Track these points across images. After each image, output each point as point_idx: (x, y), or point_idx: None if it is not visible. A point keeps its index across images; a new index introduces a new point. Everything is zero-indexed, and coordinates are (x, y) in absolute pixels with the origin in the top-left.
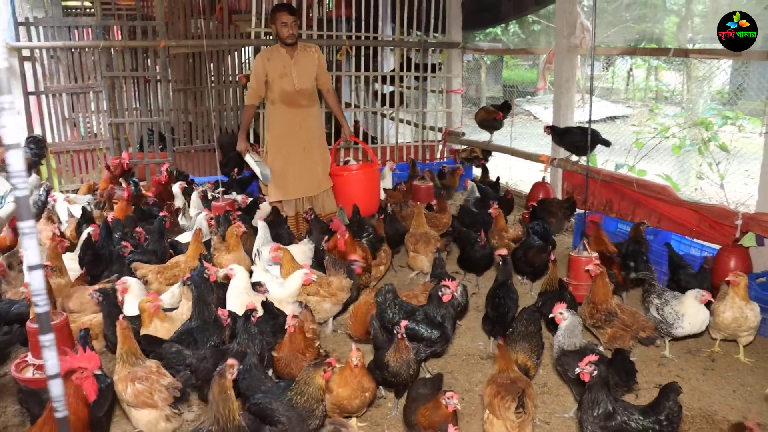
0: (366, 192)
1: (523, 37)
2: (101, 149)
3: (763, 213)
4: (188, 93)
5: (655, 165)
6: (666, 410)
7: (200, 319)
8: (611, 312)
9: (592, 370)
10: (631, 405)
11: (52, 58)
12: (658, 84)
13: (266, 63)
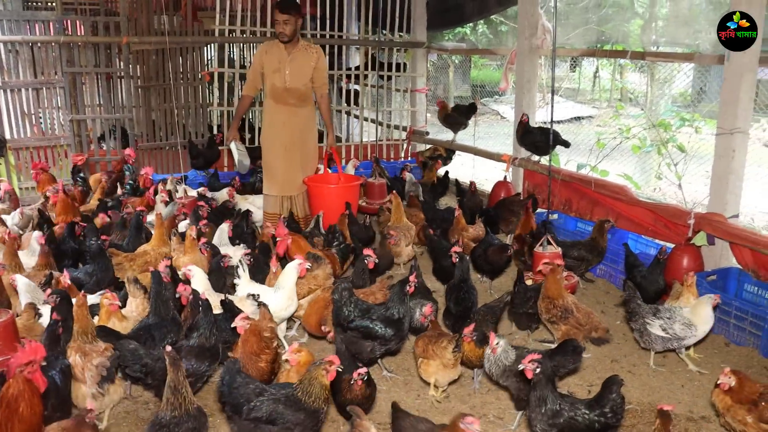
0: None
1: (491, 37)
2: (62, 146)
3: (714, 213)
4: (151, 90)
5: (617, 165)
6: (610, 402)
7: (158, 316)
8: (567, 309)
9: (535, 367)
10: (577, 400)
11: (11, 52)
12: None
13: (263, 56)
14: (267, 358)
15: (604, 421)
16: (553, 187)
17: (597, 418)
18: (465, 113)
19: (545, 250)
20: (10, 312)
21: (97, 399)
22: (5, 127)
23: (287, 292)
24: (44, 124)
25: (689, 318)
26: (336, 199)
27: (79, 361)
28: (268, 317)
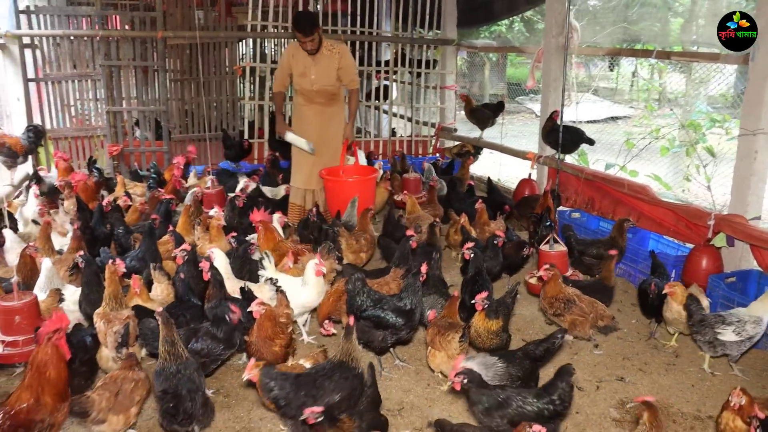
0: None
1: (528, 35)
2: (98, 136)
3: (735, 214)
4: (185, 83)
5: (649, 165)
6: (559, 391)
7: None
8: (569, 300)
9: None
10: (524, 390)
11: (53, 45)
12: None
13: (291, 59)
14: (281, 342)
15: (552, 409)
16: (577, 186)
17: (546, 406)
18: (492, 110)
19: (552, 249)
20: (33, 293)
21: (116, 362)
22: (45, 117)
23: (314, 286)
24: (91, 117)
25: (757, 311)
26: (351, 193)
27: (102, 327)
28: (285, 303)
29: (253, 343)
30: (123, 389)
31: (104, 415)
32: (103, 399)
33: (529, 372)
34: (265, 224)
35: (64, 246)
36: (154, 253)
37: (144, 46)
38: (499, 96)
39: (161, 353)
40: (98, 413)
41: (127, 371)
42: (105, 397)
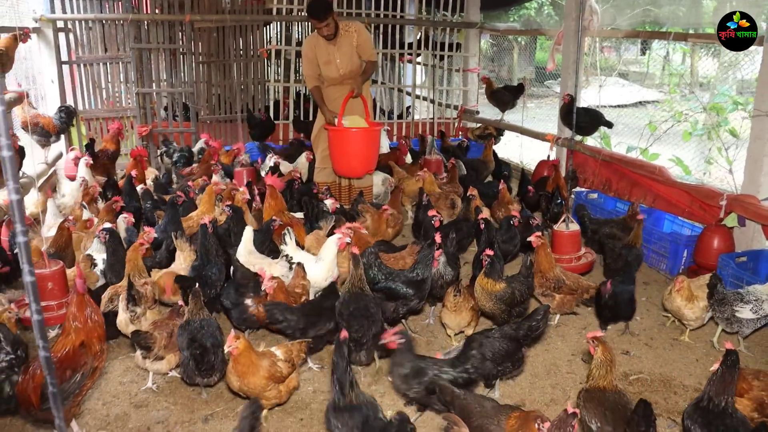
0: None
1: (557, 18)
2: (128, 117)
3: (748, 195)
4: (212, 66)
5: (673, 149)
6: (471, 359)
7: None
8: (558, 280)
9: (398, 338)
10: (440, 360)
11: (85, 29)
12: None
13: (314, 49)
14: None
15: (466, 377)
16: (594, 167)
17: (459, 375)
18: (512, 92)
19: (566, 229)
20: (60, 263)
21: (133, 322)
22: (78, 99)
23: (327, 264)
24: (123, 99)
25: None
26: (355, 143)
27: (106, 294)
28: (301, 275)
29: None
30: (174, 332)
31: (163, 353)
32: (162, 338)
33: (504, 353)
34: (273, 189)
35: None
36: (177, 225)
37: (173, 29)
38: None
39: (188, 311)
40: (159, 349)
41: (174, 318)
42: (164, 336)
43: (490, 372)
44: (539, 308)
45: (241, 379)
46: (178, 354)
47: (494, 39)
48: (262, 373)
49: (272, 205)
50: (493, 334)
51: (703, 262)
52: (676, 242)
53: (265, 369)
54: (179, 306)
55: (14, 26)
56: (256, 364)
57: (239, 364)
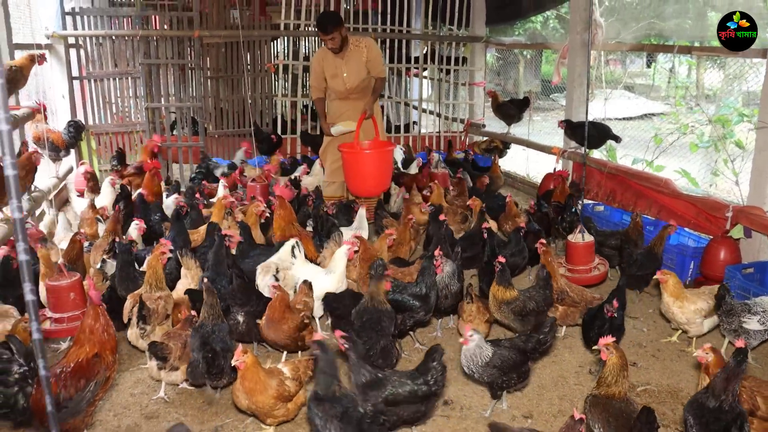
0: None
1: (563, 32)
2: (137, 132)
3: (753, 206)
4: (220, 81)
5: (679, 161)
6: (431, 371)
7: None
8: (562, 291)
9: (344, 342)
10: (399, 372)
11: (96, 45)
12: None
13: (322, 63)
14: (290, 323)
15: (426, 389)
16: (599, 179)
17: (419, 387)
18: (518, 106)
19: (580, 240)
20: (77, 274)
21: (143, 338)
22: (88, 114)
23: (338, 276)
24: (132, 114)
25: None
26: (368, 165)
27: (128, 305)
28: (304, 292)
29: (263, 325)
30: (188, 343)
31: (178, 363)
32: (177, 348)
33: (511, 364)
34: (282, 200)
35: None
36: (184, 238)
37: (181, 45)
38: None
39: (203, 314)
40: (174, 360)
41: (186, 328)
42: (179, 346)
43: (495, 381)
44: (546, 321)
45: (250, 397)
46: None
47: (500, 53)
48: (271, 392)
49: (282, 215)
50: (503, 343)
51: (710, 274)
52: (683, 254)
53: (274, 388)
54: (192, 316)
55: (29, 43)
56: (264, 382)
57: (247, 380)
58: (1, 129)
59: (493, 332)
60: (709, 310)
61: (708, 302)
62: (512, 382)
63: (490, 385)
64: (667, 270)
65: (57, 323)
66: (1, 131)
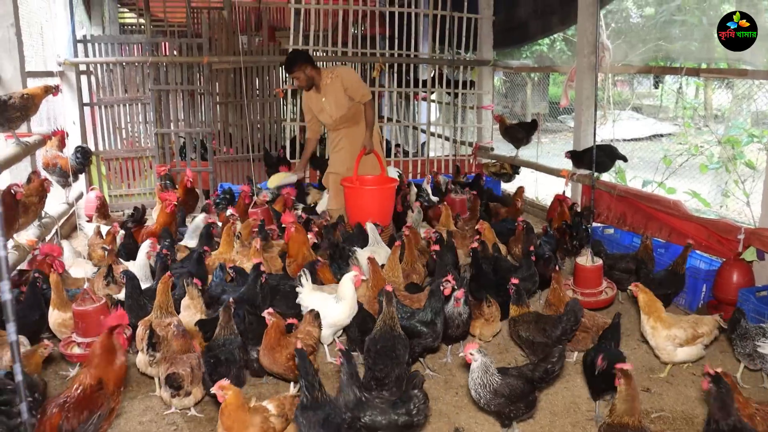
0: (380, 206)
1: (570, 54)
2: (147, 157)
3: (765, 228)
4: (229, 106)
5: (689, 182)
6: (413, 399)
7: None
8: None
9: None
10: (384, 398)
11: (106, 72)
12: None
13: (308, 102)
14: (286, 352)
15: (407, 419)
16: (609, 202)
17: (398, 417)
18: (526, 129)
19: (589, 263)
20: (104, 299)
21: (151, 365)
22: (98, 140)
23: (349, 302)
24: (142, 139)
25: None
26: (370, 201)
27: (140, 333)
28: (308, 321)
29: (260, 353)
30: (192, 365)
31: (191, 388)
32: (187, 374)
33: (519, 393)
34: (298, 226)
35: None
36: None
37: (191, 70)
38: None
39: (218, 331)
40: (188, 386)
41: (187, 351)
42: (188, 372)
43: (502, 410)
44: (554, 350)
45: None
46: (201, 387)
47: (507, 75)
48: (252, 430)
49: (296, 238)
50: (511, 371)
51: (723, 297)
52: (695, 277)
53: (257, 426)
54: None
55: (41, 71)
56: (244, 420)
57: (225, 416)
58: None
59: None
60: (687, 339)
61: (687, 331)
62: (520, 412)
63: (498, 414)
64: (643, 286)
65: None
66: None
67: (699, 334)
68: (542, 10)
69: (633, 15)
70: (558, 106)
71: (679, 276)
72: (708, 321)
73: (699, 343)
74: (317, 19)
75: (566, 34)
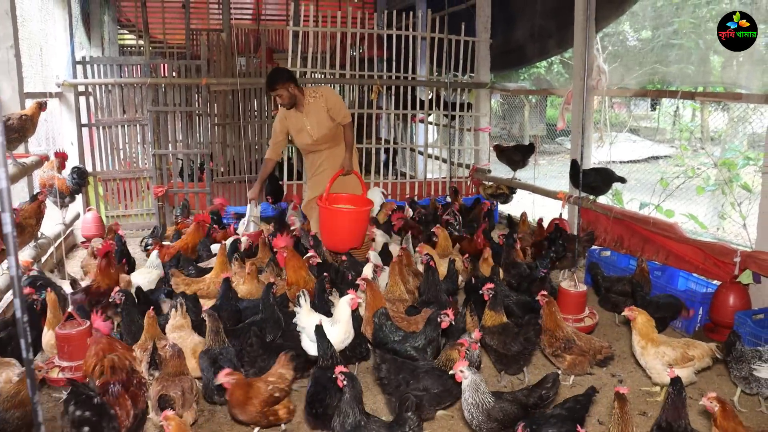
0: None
1: (567, 76)
2: (145, 178)
3: (761, 251)
4: (227, 127)
5: (686, 205)
6: (408, 422)
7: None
8: (569, 339)
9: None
10: (381, 422)
11: (105, 93)
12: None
13: (284, 121)
14: (256, 402)
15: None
16: (606, 224)
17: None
18: (522, 152)
19: (572, 289)
20: (87, 322)
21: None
22: (96, 160)
23: (344, 326)
24: (140, 160)
25: None
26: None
27: (139, 355)
28: (282, 362)
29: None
30: (184, 388)
31: (182, 411)
32: (178, 397)
33: (512, 418)
34: (291, 251)
35: None
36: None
37: (189, 92)
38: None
39: (208, 340)
40: (179, 409)
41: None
42: (179, 395)
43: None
44: (549, 375)
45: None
46: (193, 410)
47: (504, 98)
48: None
49: (291, 263)
50: (506, 396)
51: (719, 320)
52: (691, 300)
53: None
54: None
55: (40, 91)
56: None
57: None
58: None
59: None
60: (676, 358)
61: (676, 351)
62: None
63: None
64: (640, 309)
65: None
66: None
67: (689, 356)
68: (539, 33)
69: (630, 38)
70: (555, 129)
71: (676, 299)
72: (700, 346)
73: (690, 366)
74: (315, 42)
75: (563, 57)
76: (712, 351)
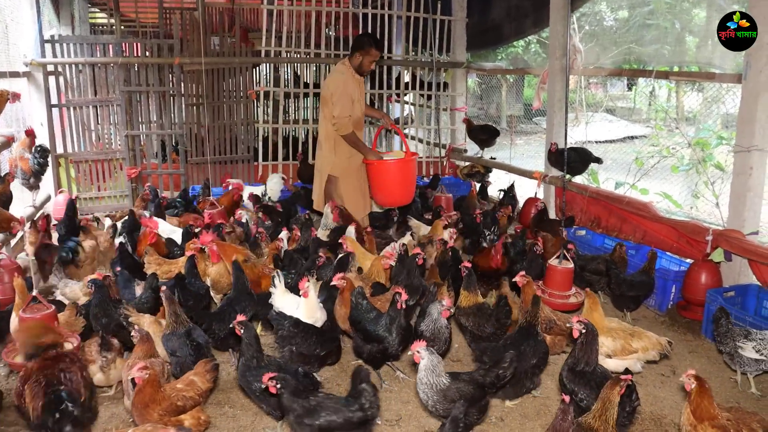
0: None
1: (545, 56)
2: (117, 159)
3: (732, 230)
4: (201, 107)
5: (661, 184)
6: (363, 393)
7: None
8: (550, 320)
9: (275, 384)
10: (334, 397)
11: (75, 72)
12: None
13: (348, 88)
14: (159, 408)
15: (361, 414)
16: (582, 204)
17: (353, 413)
18: (489, 132)
19: (560, 265)
20: (53, 307)
21: (103, 370)
22: (67, 142)
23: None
24: (114, 141)
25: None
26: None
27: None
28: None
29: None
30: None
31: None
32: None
33: (469, 398)
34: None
35: None
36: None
37: (162, 72)
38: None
39: (168, 323)
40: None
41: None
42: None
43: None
44: (507, 355)
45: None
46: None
47: (482, 77)
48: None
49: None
50: (462, 376)
51: (692, 298)
52: (664, 278)
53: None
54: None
55: (6, 70)
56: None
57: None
58: None
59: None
60: (615, 350)
61: (616, 342)
62: (473, 418)
63: (452, 420)
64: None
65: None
66: None
67: (632, 349)
68: (516, 13)
69: (606, 18)
70: (531, 108)
71: (650, 278)
72: (648, 338)
73: (630, 359)
74: (290, 21)
75: (541, 37)
76: (661, 345)
